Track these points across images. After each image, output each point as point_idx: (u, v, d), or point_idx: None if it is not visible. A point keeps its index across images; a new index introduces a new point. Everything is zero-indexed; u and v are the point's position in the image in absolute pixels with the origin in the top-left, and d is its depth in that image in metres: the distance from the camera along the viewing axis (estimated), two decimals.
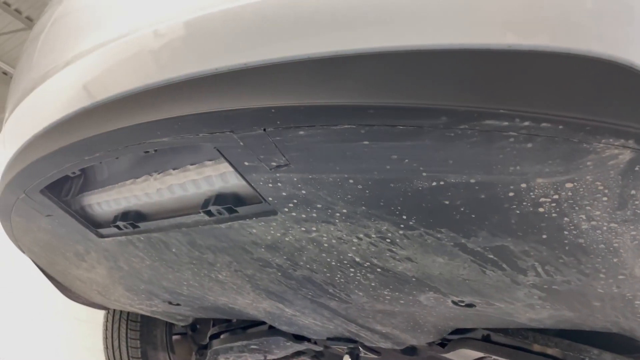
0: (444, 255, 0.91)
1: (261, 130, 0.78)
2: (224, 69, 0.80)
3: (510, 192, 0.74)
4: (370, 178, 0.80)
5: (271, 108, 0.74)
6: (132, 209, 1.22)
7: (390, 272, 1.02)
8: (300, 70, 0.74)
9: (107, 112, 0.94)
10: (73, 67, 1.04)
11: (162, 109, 0.85)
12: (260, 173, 0.87)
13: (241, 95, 0.77)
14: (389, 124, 0.70)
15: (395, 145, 0.73)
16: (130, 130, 0.89)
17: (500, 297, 1.00)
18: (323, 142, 0.76)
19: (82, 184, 1.33)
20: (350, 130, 0.73)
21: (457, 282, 0.99)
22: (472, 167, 0.72)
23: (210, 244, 1.15)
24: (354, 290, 1.16)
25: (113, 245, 1.34)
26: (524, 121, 0.65)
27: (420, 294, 1.09)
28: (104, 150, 0.97)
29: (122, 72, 0.92)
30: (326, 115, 0.72)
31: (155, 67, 0.87)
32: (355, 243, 0.96)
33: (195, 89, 0.82)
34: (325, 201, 0.88)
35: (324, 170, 0.82)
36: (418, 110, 0.68)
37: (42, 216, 1.35)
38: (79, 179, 1.33)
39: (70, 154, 1.03)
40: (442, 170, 0.74)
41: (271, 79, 0.76)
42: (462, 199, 0.78)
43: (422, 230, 0.87)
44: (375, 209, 0.86)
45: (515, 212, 0.77)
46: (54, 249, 1.55)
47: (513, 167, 0.71)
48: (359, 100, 0.69)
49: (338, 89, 0.71)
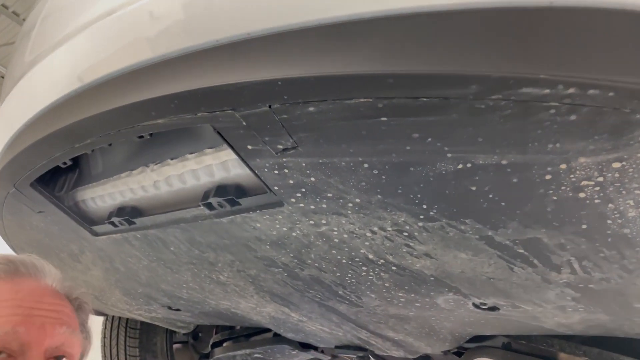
0: (468, 250, 0.82)
1: (266, 107, 0.70)
2: (225, 41, 0.72)
3: (547, 174, 0.65)
4: (388, 161, 0.72)
5: (277, 80, 0.66)
6: (128, 204, 1.14)
7: (407, 270, 0.93)
8: (309, 37, 0.66)
9: (98, 94, 0.86)
10: (61, 50, 0.97)
11: (156, 86, 0.77)
12: (265, 158, 0.79)
13: (244, 68, 0.69)
14: (411, 96, 0.62)
15: (417, 121, 0.65)
16: (121, 111, 0.81)
17: (528, 299, 0.91)
18: (335, 119, 0.68)
19: (76, 178, 1.25)
20: (367, 104, 0.65)
21: (481, 282, 0.90)
22: (504, 146, 0.64)
23: (211, 241, 1.06)
24: (365, 292, 1.07)
25: (108, 244, 1.26)
26: (568, 88, 0.56)
27: (438, 295, 1.00)
28: (94, 135, 0.89)
29: (112, 50, 0.85)
30: (339, 87, 0.64)
31: (149, 44, 0.79)
32: (369, 237, 0.88)
33: (193, 64, 0.74)
34: (337, 190, 0.80)
35: (336, 153, 0.73)
36: (444, 79, 0.59)
37: (33, 213, 1.27)
38: (72, 173, 1.25)
39: (58, 141, 0.95)
40: (469, 150, 0.66)
41: (277, 49, 0.68)
42: (491, 183, 0.69)
43: (444, 221, 0.78)
44: (392, 197, 0.77)
45: (552, 199, 0.68)
46: (48, 249, 1.47)
47: (552, 144, 0.62)
48: (377, 68, 0.61)
49: (353, 57, 0.63)
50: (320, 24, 0.65)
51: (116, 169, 1.13)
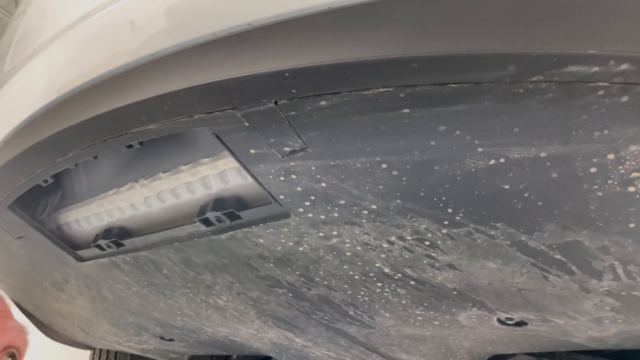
0: (497, 259, 0.74)
1: (271, 103, 0.62)
2: (223, 33, 0.65)
3: (592, 167, 0.58)
4: (410, 160, 0.64)
5: (284, 72, 0.59)
6: (116, 224, 1.05)
7: (427, 284, 0.85)
8: (319, 23, 0.59)
9: (80, 102, 0.78)
10: (37, 58, 0.89)
11: (147, 87, 0.69)
12: (270, 163, 0.71)
13: (246, 61, 0.62)
14: (438, 83, 0.55)
15: (444, 111, 0.57)
16: (107, 118, 0.73)
17: (562, 311, 0.82)
18: (351, 114, 0.61)
19: (59, 199, 1.16)
20: (387, 95, 0.57)
21: (510, 294, 0.81)
22: (544, 136, 0.57)
23: (208, 262, 0.97)
24: (379, 311, 0.98)
25: (95, 269, 1.16)
26: (620, 64, 0.49)
27: (460, 311, 0.91)
28: (77, 147, 0.81)
29: (94, 54, 0.77)
30: (355, 76, 0.57)
31: (135, 42, 0.72)
32: (385, 249, 0.79)
33: (188, 60, 0.67)
34: (351, 195, 0.72)
35: (350, 153, 0.66)
36: (477, 61, 0.52)
37: (13, 239, 1.17)
38: (55, 193, 1.16)
39: (38, 156, 0.87)
40: (503, 143, 0.59)
41: (283, 38, 0.60)
42: (527, 180, 0.62)
43: (472, 226, 0.70)
44: (413, 201, 0.69)
45: (597, 195, 0.61)
46: (29, 278, 1.36)
47: (599, 131, 0.55)
48: (399, 52, 0.54)
49: (370, 41, 0.55)
50: (330, 7, 0.58)
51: (102, 186, 1.04)
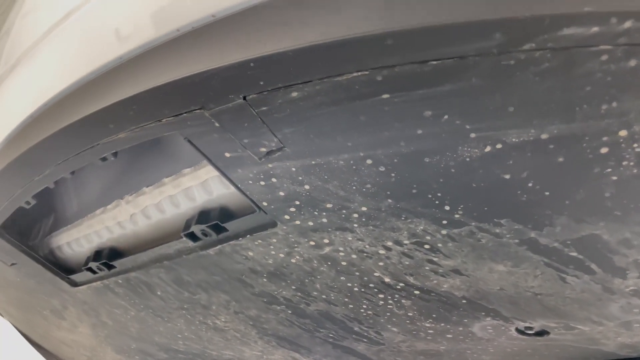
0: (506, 261, 0.67)
1: (240, 98, 0.57)
2: (188, 28, 0.60)
3: (602, 146, 0.51)
4: (396, 153, 0.57)
5: (249, 62, 0.53)
6: (105, 245, 1.00)
7: (433, 294, 0.77)
8: (284, 6, 0.53)
9: (49, 117, 0.73)
10: (5, 82, 0.86)
11: (110, 94, 0.65)
12: (248, 167, 0.65)
13: (210, 55, 0.57)
14: (417, 60, 0.49)
15: (428, 94, 0.51)
16: (75, 129, 0.69)
17: (586, 316, 0.74)
18: (326, 105, 0.55)
19: (51, 223, 1.12)
20: (362, 79, 0.51)
21: (525, 300, 0.73)
22: (543, 114, 0.50)
23: (201, 280, 0.91)
24: (385, 326, 0.91)
25: (90, 294, 1.11)
26: (624, 21, 0.42)
27: (473, 322, 0.83)
28: (51, 163, 0.76)
29: (54, 69, 0.73)
30: (325, 60, 0.51)
31: (95, 50, 0.67)
32: (383, 256, 0.72)
33: (151, 61, 0.62)
34: (337, 198, 0.65)
35: (331, 149, 0.59)
36: (458, 31, 0.46)
37: (6, 266, 1.13)
38: (47, 217, 1.12)
39: (15, 177, 0.83)
40: (498, 126, 0.52)
41: (246, 27, 0.55)
42: (530, 167, 0.54)
43: (474, 225, 0.63)
44: (406, 200, 0.62)
45: (611, 180, 0.53)
46: (29, 307, 1.32)
47: (607, 104, 0.48)
48: (369, 28, 0.48)
49: (337, 19, 0.50)
50: None
51: (89, 206, 0.99)
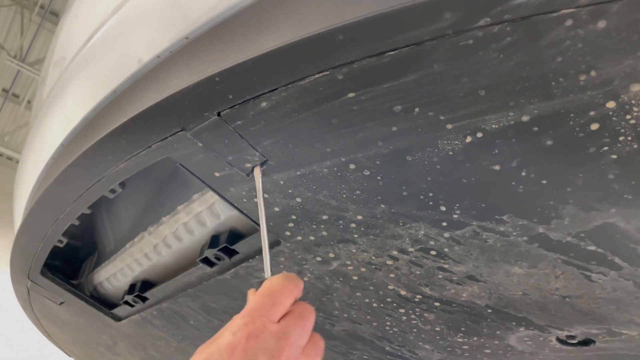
0: (520, 261, 0.61)
1: (215, 115, 0.57)
2: (166, 54, 0.61)
3: (592, 122, 0.46)
4: (377, 154, 0.55)
5: (214, 77, 0.53)
6: (138, 278, 1.03)
7: (454, 304, 0.72)
8: (240, 20, 0.53)
9: (64, 156, 0.78)
10: (38, 123, 0.92)
11: (106, 125, 0.67)
12: (238, 184, 0.65)
13: (182, 76, 0.57)
14: (373, 53, 0.46)
15: (393, 87, 0.48)
16: (79, 165, 0.72)
17: (627, 318, 0.66)
18: (296, 111, 0.53)
19: (95, 261, 1.17)
20: (325, 80, 0.50)
21: (554, 304, 0.67)
22: (517, 94, 0.46)
23: (225, 305, 0.91)
24: (416, 343, 0.86)
25: (132, 327, 1.14)
26: None
27: (507, 333, 0.77)
28: (69, 201, 0.80)
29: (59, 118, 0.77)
30: (283, 65, 0.50)
31: (88, 90, 0.71)
32: (391, 267, 0.69)
33: (135, 90, 0.64)
34: (331, 208, 0.63)
35: (312, 158, 0.58)
36: (405, 16, 0.43)
37: (57, 305, 1.19)
38: (88, 256, 1.17)
39: (42, 217, 0.87)
40: (474, 113, 0.48)
41: (212, 44, 0.56)
42: (518, 155, 0.50)
43: (475, 224, 0.58)
44: (399, 204, 0.59)
45: (611, 158, 0.48)
46: (86, 344, 1.37)
47: (585, 74, 0.43)
48: (319, 26, 0.47)
49: (286, 24, 0.49)
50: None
51: (122, 241, 1.03)
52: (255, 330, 0.48)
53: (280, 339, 0.49)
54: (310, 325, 0.52)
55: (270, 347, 0.48)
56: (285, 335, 0.49)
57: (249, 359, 0.46)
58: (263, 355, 0.47)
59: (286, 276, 0.52)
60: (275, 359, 0.47)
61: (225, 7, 0.55)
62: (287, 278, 0.52)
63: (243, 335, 0.47)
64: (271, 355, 0.47)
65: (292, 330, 0.50)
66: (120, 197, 0.96)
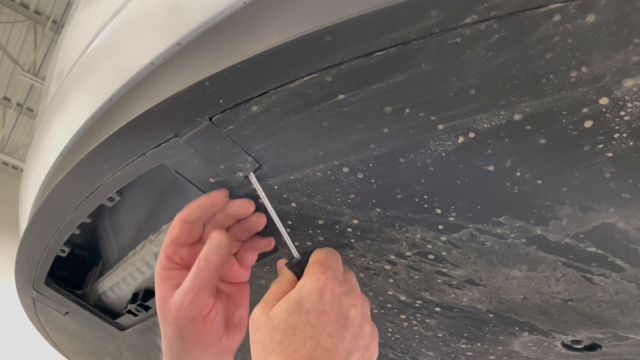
0: (520, 264, 0.60)
1: (206, 120, 0.57)
2: (160, 60, 0.62)
3: (585, 120, 0.45)
4: (369, 157, 0.54)
5: (204, 81, 0.53)
6: (141, 287, 1.02)
7: (455, 309, 0.71)
8: (230, 25, 0.53)
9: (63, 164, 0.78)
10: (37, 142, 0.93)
11: (101, 133, 0.67)
12: (233, 189, 0.64)
13: (174, 82, 0.57)
14: (360, 54, 0.46)
15: (382, 88, 0.48)
16: (76, 174, 0.72)
17: (633, 322, 0.64)
18: (287, 115, 0.53)
19: (99, 270, 1.17)
20: (314, 83, 0.49)
21: (556, 308, 0.65)
22: (508, 93, 0.45)
23: None
24: (419, 350, 0.84)
25: (137, 337, 1.14)
26: None
27: (510, 339, 0.75)
28: (69, 209, 0.80)
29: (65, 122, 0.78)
30: (272, 68, 0.50)
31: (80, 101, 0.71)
32: (390, 272, 0.68)
33: (130, 96, 0.64)
34: (326, 212, 0.62)
35: (305, 161, 0.57)
36: (391, 15, 0.43)
37: (62, 315, 1.19)
38: (92, 265, 1.17)
39: (44, 227, 0.87)
40: (464, 112, 0.47)
41: (204, 48, 0.56)
42: (511, 155, 0.49)
43: (472, 227, 0.57)
44: (394, 207, 0.58)
45: (607, 157, 0.46)
46: (93, 354, 1.37)
47: (576, 70, 0.42)
48: (305, 27, 0.46)
49: (274, 27, 0.49)
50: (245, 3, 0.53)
51: (124, 250, 1.03)
52: (333, 275, 0.54)
53: (351, 284, 0.56)
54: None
55: (347, 289, 0.54)
56: (352, 282, 0.57)
57: (337, 300, 0.52)
58: (345, 297, 0.53)
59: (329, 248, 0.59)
60: (355, 300, 0.53)
61: (217, 11, 0.55)
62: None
63: (328, 280, 0.53)
64: (351, 296, 0.54)
65: (352, 279, 0.57)
66: (122, 205, 0.97)
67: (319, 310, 0.50)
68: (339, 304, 0.52)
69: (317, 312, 0.50)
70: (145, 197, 0.94)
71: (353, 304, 0.53)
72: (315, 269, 0.54)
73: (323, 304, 0.51)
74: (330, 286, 0.52)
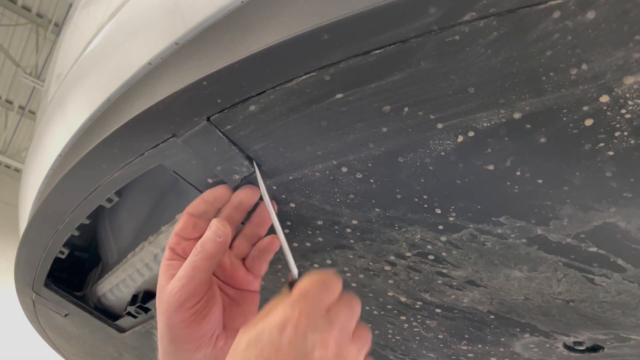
0: (520, 265, 0.59)
1: (204, 120, 0.56)
2: (158, 60, 0.61)
3: (586, 118, 0.44)
4: (368, 156, 0.54)
5: (202, 80, 0.53)
6: (140, 288, 1.02)
7: (455, 310, 0.71)
8: (228, 23, 0.53)
9: (63, 165, 0.78)
10: (37, 144, 0.93)
11: (99, 133, 0.67)
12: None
13: (172, 82, 0.57)
14: (359, 52, 0.46)
15: (381, 87, 0.47)
16: (74, 175, 0.72)
17: (635, 323, 0.64)
18: (285, 114, 0.53)
19: (99, 272, 1.17)
20: (312, 82, 0.49)
21: (558, 309, 0.65)
22: (507, 91, 0.44)
23: None
24: (420, 352, 0.84)
25: (137, 339, 1.13)
26: None
27: (511, 340, 0.75)
28: (67, 211, 0.80)
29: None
30: (271, 67, 0.49)
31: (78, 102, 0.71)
32: (390, 273, 0.67)
33: (127, 97, 0.64)
34: (325, 213, 0.62)
35: (303, 161, 0.57)
36: (389, 12, 0.42)
37: (62, 317, 1.18)
38: (92, 267, 1.17)
39: (43, 228, 0.87)
40: (464, 111, 0.47)
41: (202, 47, 0.55)
42: (512, 154, 0.49)
43: (472, 227, 0.57)
44: (393, 207, 0.58)
45: (608, 155, 0.46)
46: (91, 355, 1.37)
47: (576, 68, 0.42)
48: (303, 26, 0.46)
49: (273, 26, 0.48)
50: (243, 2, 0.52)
51: (124, 251, 1.02)
52: (307, 308, 0.49)
53: (331, 320, 0.49)
54: (358, 314, 0.53)
55: (320, 326, 0.48)
56: (336, 318, 0.50)
57: (300, 336, 0.47)
58: (313, 334, 0.48)
59: (329, 271, 0.54)
60: (326, 339, 0.48)
61: (215, 10, 0.54)
62: (331, 272, 0.54)
63: (295, 313, 0.48)
64: (322, 334, 0.48)
65: (341, 314, 0.50)
66: (121, 207, 0.96)
67: (275, 346, 0.46)
68: (302, 341, 0.47)
69: (272, 348, 0.46)
70: (145, 199, 0.94)
71: (321, 343, 0.47)
72: (289, 300, 0.50)
73: (281, 339, 0.47)
74: (295, 321, 0.47)
